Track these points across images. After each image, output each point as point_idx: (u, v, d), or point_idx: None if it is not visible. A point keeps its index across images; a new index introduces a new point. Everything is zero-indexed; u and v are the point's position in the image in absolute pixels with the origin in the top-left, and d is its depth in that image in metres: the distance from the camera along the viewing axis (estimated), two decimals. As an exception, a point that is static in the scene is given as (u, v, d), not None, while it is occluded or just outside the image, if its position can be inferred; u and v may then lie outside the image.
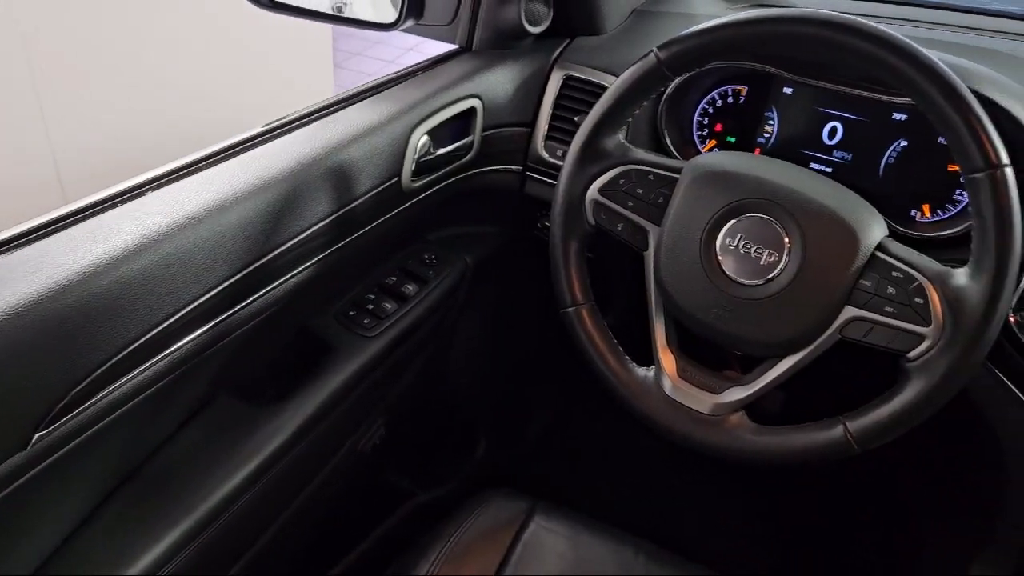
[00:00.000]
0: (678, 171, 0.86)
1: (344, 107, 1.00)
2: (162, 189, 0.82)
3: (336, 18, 1.30)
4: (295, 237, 0.89)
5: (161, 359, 0.79)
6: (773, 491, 1.64)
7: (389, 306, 1.10)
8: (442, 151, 1.06)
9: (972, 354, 0.73)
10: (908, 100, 0.95)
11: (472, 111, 1.09)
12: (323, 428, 1.01)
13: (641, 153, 0.89)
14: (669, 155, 1.07)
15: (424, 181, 1.05)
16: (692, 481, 1.67)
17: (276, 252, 0.87)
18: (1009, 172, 0.71)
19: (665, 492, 1.67)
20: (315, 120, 0.96)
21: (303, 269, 0.92)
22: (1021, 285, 0.86)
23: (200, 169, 0.85)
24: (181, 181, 0.83)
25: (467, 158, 1.11)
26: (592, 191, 0.89)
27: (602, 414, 1.72)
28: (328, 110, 0.99)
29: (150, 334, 0.76)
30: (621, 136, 0.89)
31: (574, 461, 1.73)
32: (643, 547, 1.03)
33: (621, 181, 0.88)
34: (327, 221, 0.92)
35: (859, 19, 0.75)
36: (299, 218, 0.88)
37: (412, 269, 1.17)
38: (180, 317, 0.78)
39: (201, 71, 2.75)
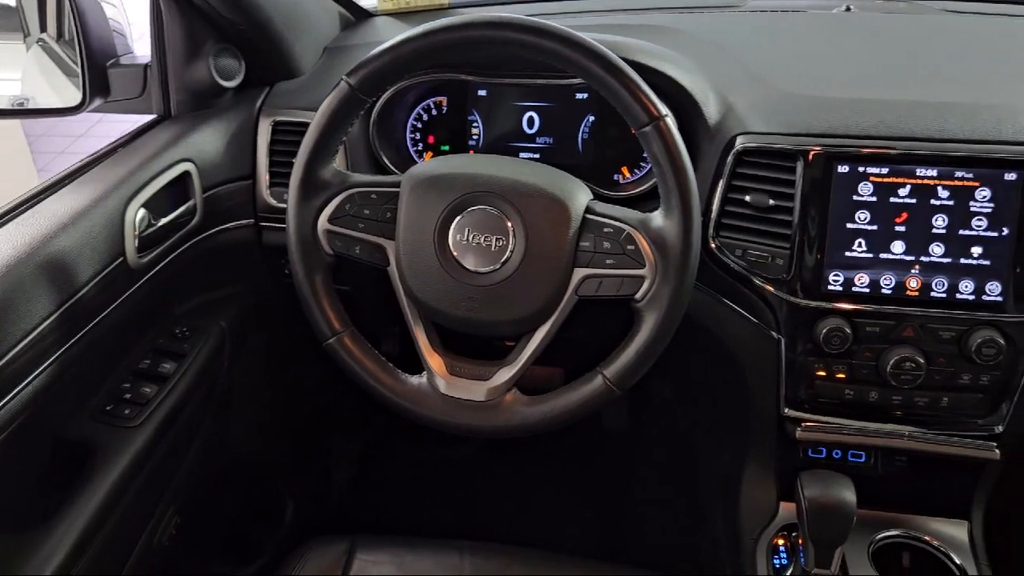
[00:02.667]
0: (397, 185, 0.91)
1: (45, 197, 0.95)
2: None
3: (17, 112, 1.23)
4: (18, 343, 0.82)
5: None
6: (574, 460, 1.74)
7: (148, 390, 1.05)
8: (164, 221, 1.03)
9: (684, 280, 0.84)
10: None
11: (187, 175, 1.07)
12: (106, 535, 0.95)
13: (359, 176, 0.93)
14: (390, 173, 1.11)
15: (152, 255, 1.02)
16: (505, 473, 1.74)
17: (0, 363, 0.81)
18: (670, 121, 0.83)
19: (482, 491, 1.72)
20: (13, 218, 0.91)
21: (39, 373, 0.86)
22: (713, 215, 0.99)
23: None
24: None
25: (193, 223, 1.09)
26: (322, 222, 0.91)
27: (407, 436, 1.74)
28: (26, 205, 0.93)
29: None
30: (336, 165, 0.92)
31: (389, 489, 1.74)
32: (466, 547, 1.06)
33: (347, 206, 0.91)
34: (53, 318, 0.87)
35: (519, 16, 0.84)
36: (18, 322, 0.83)
37: (165, 347, 1.12)
38: None
39: None
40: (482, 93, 1.13)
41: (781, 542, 1.06)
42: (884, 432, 1.00)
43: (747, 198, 0.97)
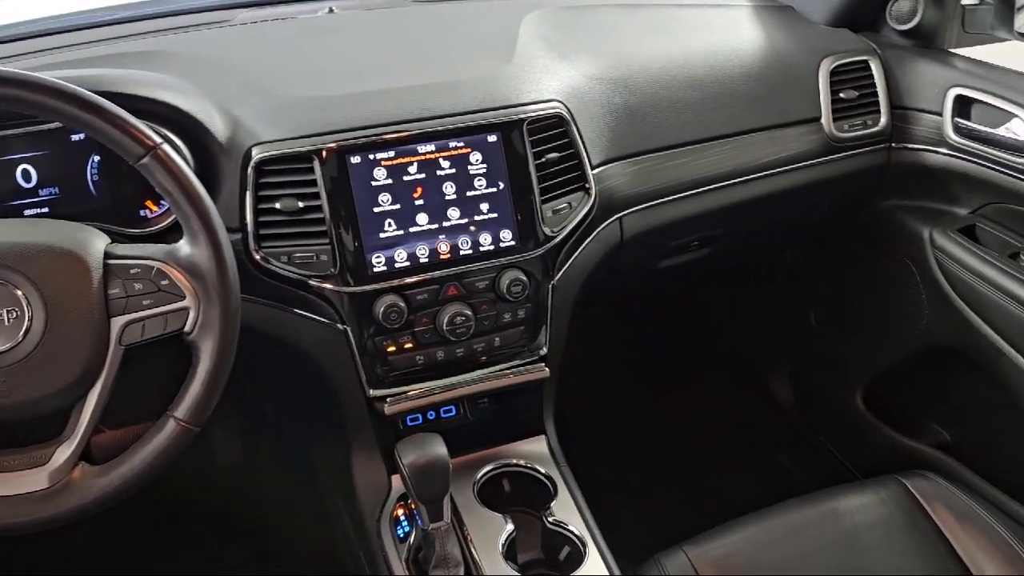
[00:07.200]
0: None
1: None
2: None
3: None
4: None
5: None
6: (202, 506, 1.66)
7: None
8: None
9: (229, 301, 0.84)
10: None
11: None
12: None
13: None
14: None
15: None
16: (137, 542, 1.60)
17: None
18: (167, 148, 0.81)
19: (119, 568, 1.56)
20: None
21: None
22: (250, 227, 0.99)
23: None
24: None
25: None
26: None
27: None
28: None
29: None
30: None
31: None
32: None
33: None
34: None
35: None
36: None
37: None
38: None
39: None
40: None
41: (400, 512, 1.12)
42: (457, 384, 1.10)
43: (277, 205, 0.99)
